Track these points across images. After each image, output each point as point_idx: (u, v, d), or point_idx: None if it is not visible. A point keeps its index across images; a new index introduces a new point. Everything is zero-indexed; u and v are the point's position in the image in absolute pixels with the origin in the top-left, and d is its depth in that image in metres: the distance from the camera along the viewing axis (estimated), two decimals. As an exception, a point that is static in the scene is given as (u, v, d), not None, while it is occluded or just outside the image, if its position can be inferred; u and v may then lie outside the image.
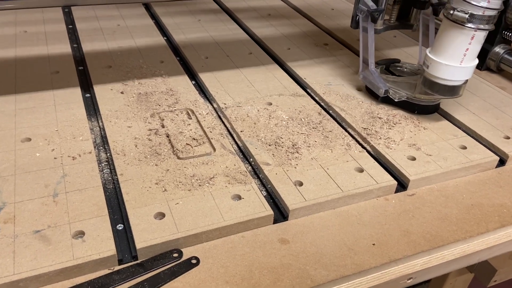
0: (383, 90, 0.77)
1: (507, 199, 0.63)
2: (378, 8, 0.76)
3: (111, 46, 0.94)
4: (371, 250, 0.54)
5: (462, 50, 0.67)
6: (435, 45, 0.70)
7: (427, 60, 0.71)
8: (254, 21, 1.13)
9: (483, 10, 0.63)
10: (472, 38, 0.66)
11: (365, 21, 0.78)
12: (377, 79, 0.79)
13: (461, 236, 0.57)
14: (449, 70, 0.68)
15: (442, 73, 0.69)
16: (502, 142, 0.72)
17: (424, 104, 0.77)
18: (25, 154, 0.62)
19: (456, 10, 0.64)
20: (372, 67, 0.80)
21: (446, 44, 0.68)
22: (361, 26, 0.80)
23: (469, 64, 0.68)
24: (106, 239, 0.50)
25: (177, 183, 0.59)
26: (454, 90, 0.71)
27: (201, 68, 0.89)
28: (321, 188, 0.60)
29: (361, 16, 0.78)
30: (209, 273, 0.49)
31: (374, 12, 0.75)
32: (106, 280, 0.47)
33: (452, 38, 0.67)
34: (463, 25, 0.64)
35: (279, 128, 0.72)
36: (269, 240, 0.54)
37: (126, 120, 0.71)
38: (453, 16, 0.64)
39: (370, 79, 0.80)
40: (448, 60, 0.68)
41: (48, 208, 0.53)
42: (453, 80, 0.70)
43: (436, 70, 0.70)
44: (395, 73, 0.85)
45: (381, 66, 0.86)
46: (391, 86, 0.79)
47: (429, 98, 0.75)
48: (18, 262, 0.46)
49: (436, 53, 0.70)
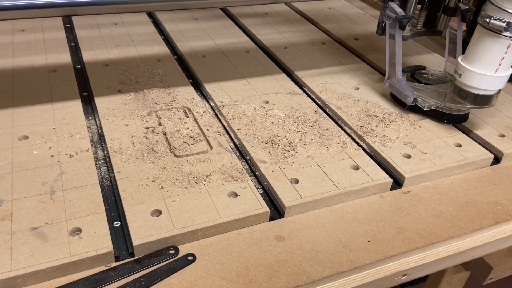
0: (411, 98, 0.75)
1: (502, 196, 0.64)
2: (407, 15, 0.74)
3: (109, 45, 0.95)
4: (366, 247, 0.54)
5: (498, 59, 0.65)
6: (469, 53, 0.68)
7: (460, 69, 0.69)
8: (251, 19, 1.14)
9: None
10: (509, 47, 0.64)
11: (393, 27, 0.76)
12: (405, 87, 0.77)
13: (456, 233, 0.57)
14: (483, 79, 0.66)
15: (475, 82, 0.67)
16: (497, 140, 0.73)
17: (454, 113, 0.74)
18: (23, 152, 0.62)
19: (493, 19, 0.62)
20: (400, 74, 0.78)
21: (481, 53, 0.66)
22: (388, 33, 0.78)
23: (504, 74, 0.66)
24: (103, 236, 0.50)
25: (174, 180, 0.59)
26: (487, 99, 0.69)
27: (198, 67, 0.89)
28: (317, 185, 0.60)
29: (388, 22, 0.77)
30: (205, 269, 0.50)
31: (403, 19, 0.74)
32: (103, 277, 0.47)
33: (488, 47, 0.65)
34: (499, 34, 0.63)
35: (275, 126, 0.72)
36: (265, 237, 0.54)
37: (123, 118, 0.71)
38: (490, 24, 0.63)
39: (397, 87, 0.78)
40: (483, 69, 0.66)
41: (45, 206, 0.54)
42: (487, 90, 0.67)
43: (469, 79, 0.68)
44: (421, 81, 0.83)
45: (407, 73, 0.84)
46: (419, 95, 0.76)
47: (460, 107, 0.73)
48: (16, 259, 0.47)
49: (469, 61, 0.67)
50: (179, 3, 0.67)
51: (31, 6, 0.58)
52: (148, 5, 0.67)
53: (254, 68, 0.90)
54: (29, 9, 0.58)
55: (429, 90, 0.78)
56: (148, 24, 1.07)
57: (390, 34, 0.78)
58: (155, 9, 1.02)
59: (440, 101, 0.75)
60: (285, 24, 1.13)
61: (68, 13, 0.63)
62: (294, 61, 0.93)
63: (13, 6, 0.57)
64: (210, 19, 1.13)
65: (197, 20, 1.12)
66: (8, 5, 0.57)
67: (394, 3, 0.75)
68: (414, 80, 0.84)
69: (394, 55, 0.78)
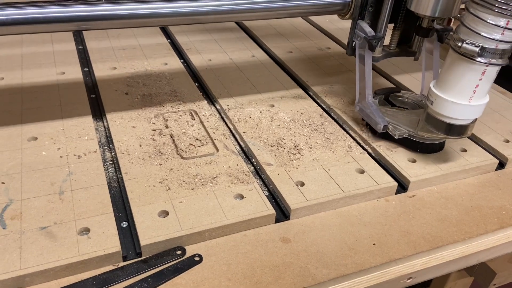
0: (382, 125, 0.68)
1: (506, 201, 0.64)
2: (377, 35, 0.68)
3: (116, 48, 0.96)
4: (371, 250, 0.55)
5: (472, 87, 0.59)
6: (441, 79, 0.62)
7: (431, 95, 0.62)
8: (256, 24, 1.15)
9: (496, 43, 0.55)
10: (483, 73, 0.58)
11: (363, 48, 0.70)
12: (375, 112, 0.70)
13: (460, 237, 0.58)
14: (456, 108, 0.60)
15: (448, 111, 0.61)
16: (501, 146, 0.73)
17: (429, 142, 0.68)
18: (32, 152, 0.63)
19: (465, 43, 0.56)
20: (370, 99, 0.71)
21: (454, 79, 0.60)
22: (358, 53, 0.72)
23: (479, 102, 0.60)
24: (111, 236, 0.51)
25: (181, 182, 0.60)
26: (461, 129, 0.62)
27: (205, 70, 0.90)
28: (322, 188, 0.61)
29: (358, 42, 0.71)
30: (211, 270, 0.50)
31: (372, 40, 0.67)
32: (111, 276, 0.48)
33: (460, 73, 0.59)
34: (473, 59, 0.57)
35: (281, 130, 0.73)
36: (271, 239, 0.55)
37: (131, 120, 0.72)
38: (462, 49, 0.56)
39: (367, 112, 0.71)
40: (456, 97, 0.60)
41: (54, 206, 0.54)
42: (461, 119, 0.61)
43: (441, 108, 0.61)
44: (396, 104, 0.76)
45: (380, 96, 0.77)
46: (391, 121, 0.69)
47: (433, 137, 0.67)
48: (25, 258, 0.47)
49: (441, 88, 0.61)
50: (191, 18, 0.66)
51: (41, 21, 0.58)
52: (160, 20, 0.65)
53: (259, 72, 0.90)
54: (38, 24, 0.58)
55: (401, 116, 0.71)
56: (154, 28, 1.08)
57: (360, 55, 0.72)
58: (166, 24, 1.00)
59: (413, 128, 0.68)
60: (290, 29, 1.14)
61: (80, 28, 0.62)
62: (299, 66, 0.94)
63: (23, 20, 0.57)
64: (217, 25, 1.14)
65: (203, 26, 1.12)
66: (17, 20, 0.56)
67: (364, 21, 0.70)
68: (388, 103, 0.76)
69: (364, 77, 0.71)
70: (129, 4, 0.61)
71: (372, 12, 0.70)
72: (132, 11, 0.61)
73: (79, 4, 0.59)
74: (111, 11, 0.61)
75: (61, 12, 0.58)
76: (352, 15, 0.71)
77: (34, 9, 0.57)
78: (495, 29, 0.54)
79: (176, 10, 0.63)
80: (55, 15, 0.58)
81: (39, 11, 0.57)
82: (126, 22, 0.63)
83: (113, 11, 0.61)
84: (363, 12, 0.70)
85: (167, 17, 0.64)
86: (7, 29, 0.56)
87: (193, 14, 0.64)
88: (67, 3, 0.58)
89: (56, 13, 0.58)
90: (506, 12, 0.53)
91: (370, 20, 0.71)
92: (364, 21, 0.70)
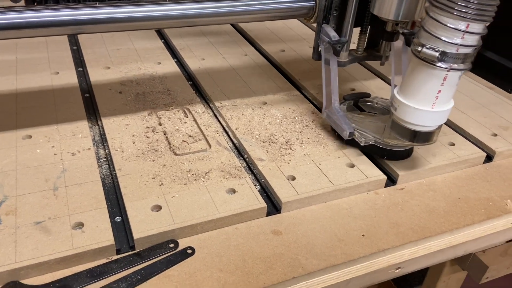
0: (348, 132, 0.66)
1: (494, 193, 0.66)
2: (341, 40, 0.66)
3: (110, 48, 0.97)
4: (360, 241, 0.56)
5: (434, 93, 0.57)
6: (404, 85, 0.60)
7: (395, 102, 0.61)
8: (249, 23, 1.16)
9: (456, 47, 0.53)
10: (445, 79, 0.55)
11: (328, 52, 0.68)
12: (341, 119, 0.68)
13: (448, 228, 0.59)
14: (419, 114, 0.58)
15: (411, 117, 0.59)
16: (489, 139, 0.75)
17: (396, 149, 0.66)
18: (26, 150, 0.64)
19: (425, 47, 0.54)
20: (336, 104, 0.69)
21: (415, 85, 0.58)
22: (323, 58, 0.70)
23: (442, 108, 0.58)
24: (105, 230, 0.52)
25: (174, 177, 0.61)
26: (426, 136, 0.61)
27: (198, 69, 0.91)
28: (313, 182, 0.62)
29: (323, 47, 0.69)
30: (203, 262, 0.51)
31: (336, 44, 0.65)
32: (105, 269, 0.49)
33: (422, 79, 0.57)
34: (433, 65, 0.55)
35: (273, 126, 0.74)
36: (262, 232, 0.56)
37: (124, 118, 0.73)
38: (422, 53, 0.55)
39: (334, 118, 0.69)
40: (418, 103, 0.58)
41: (49, 201, 0.55)
42: (424, 126, 0.60)
43: (404, 114, 0.60)
44: (365, 110, 0.75)
45: (349, 101, 0.75)
46: (357, 127, 0.67)
47: (399, 144, 0.65)
48: (20, 251, 0.48)
49: (404, 94, 0.60)
50: (186, 21, 0.65)
51: (35, 25, 0.57)
52: (155, 23, 0.65)
53: (252, 71, 0.92)
54: (33, 28, 0.57)
55: (367, 122, 0.69)
56: (149, 30, 1.09)
57: (325, 60, 0.69)
58: (162, 27, 0.99)
59: (380, 135, 0.66)
60: (282, 27, 1.15)
61: (74, 32, 0.62)
62: (292, 64, 0.95)
63: (16, 25, 0.56)
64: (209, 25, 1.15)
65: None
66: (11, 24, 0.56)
67: (329, 25, 0.68)
68: (358, 109, 0.75)
69: (330, 83, 0.69)
70: (123, 7, 0.61)
71: (337, 16, 0.68)
72: (125, 15, 0.61)
73: (73, 8, 0.59)
74: (105, 15, 0.60)
75: (55, 16, 0.58)
76: (316, 19, 0.69)
77: (28, 13, 0.56)
78: (455, 33, 0.53)
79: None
80: (49, 19, 0.57)
81: (32, 15, 0.56)
82: (120, 26, 0.63)
83: (107, 14, 0.60)
84: (327, 16, 0.68)
85: (161, 20, 0.64)
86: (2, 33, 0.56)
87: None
88: (60, 7, 0.58)
89: (50, 17, 0.57)
90: (466, 15, 0.51)
91: (335, 24, 0.69)
92: (329, 25, 0.68)
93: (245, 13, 0.67)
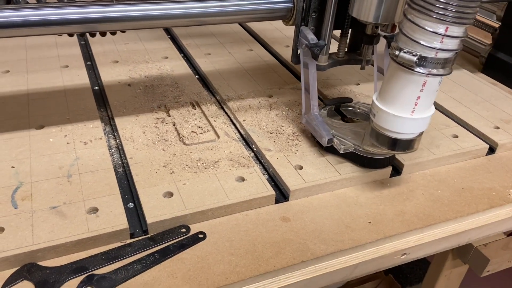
0: (326, 139, 0.63)
1: (497, 183, 0.67)
2: (319, 43, 0.62)
3: (118, 43, 0.98)
4: (367, 228, 0.57)
5: (413, 99, 0.54)
6: (382, 91, 0.58)
7: (374, 108, 0.58)
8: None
9: (435, 51, 0.51)
10: (424, 85, 0.53)
11: (307, 55, 0.65)
12: (320, 125, 0.65)
13: (452, 216, 0.60)
14: (398, 121, 0.56)
15: (390, 124, 0.57)
16: (492, 132, 0.76)
17: (377, 157, 0.64)
18: (39, 139, 0.65)
19: (403, 51, 0.52)
20: (315, 110, 0.66)
21: (394, 91, 0.55)
22: (302, 61, 0.67)
23: (422, 115, 0.56)
24: (118, 214, 0.53)
25: (184, 166, 0.62)
26: (406, 144, 0.58)
27: (204, 64, 0.92)
28: (320, 171, 0.63)
29: (302, 50, 0.65)
30: (215, 246, 0.53)
31: (313, 47, 0.62)
32: (119, 252, 0.50)
33: (400, 85, 0.54)
34: (411, 70, 0.52)
35: (279, 118, 0.75)
36: (271, 218, 0.57)
37: (134, 110, 0.74)
38: (399, 58, 0.52)
39: (313, 124, 0.66)
40: (397, 110, 0.55)
41: (63, 187, 0.57)
42: (404, 133, 0.57)
43: (383, 121, 0.57)
44: (347, 115, 0.72)
45: (330, 106, 0.73)
46: (337, 134, 0.65)
47: (379, 152, 0.62)
48: (37, 235, 0.50)
49: (383, 100, 0.57)
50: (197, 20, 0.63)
51: (45, 23, 0.56)
52: (166, 22, 0.64)
53: (257, 65, 0.93)
54: (44, 26, 0.57)
55: (347, 129, 0.67)
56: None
57: (304, 63, 0.66)
58: (172, 26, 0.98)
59: (359, 142, 0.64)
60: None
61: (87, 30, 0.61)
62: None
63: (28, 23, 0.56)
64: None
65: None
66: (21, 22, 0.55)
67: (308, 28, 0.65)
68: (339, 114, 0.73)
69: (309, 88, 0.66)
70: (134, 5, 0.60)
71: (316, 18, 0.65)
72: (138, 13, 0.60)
73: (85, 5, 0.58)
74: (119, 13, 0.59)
75: (67, 14, 0.57)
76: (295, 21, 0.66)
77: (39, 11, 0.56)
78: (434, 37, 0.50)
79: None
80: (61, 18, 0.57)
81: (43, 13, 0.56)
82: (133, 24, 0.62)
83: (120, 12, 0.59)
84: (306, 18, 0.65)
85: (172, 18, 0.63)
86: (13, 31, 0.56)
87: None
88: (72, 5, 0.58)
89: (63, 15, 0.57)
90: (445, 18, 0.48)
91: (314, 26, 0.66)
92: (308, 27, 0.65)
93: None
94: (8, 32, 0.55)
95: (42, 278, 0.47)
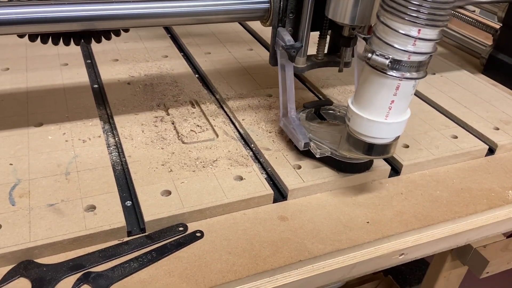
0: (303, 143, 0.62)
1: (496, 184, 0.67)
2: (295, 44, 0.61)
3: (118, 41, 0.98)
4: (365, 227, 0.57)
5: (386, 103, 0.53)
6: (357, 94, 0.56)
7: (348, 112, 0.57)
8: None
9: (408, 54, 0.49)
10: (398, 88, 0.52)
11: (284, 57, 0.63)
12: (297, 128, 0.63)
13: (451, 216, 0.60)
14: (373, 126, 0.55)
15: (364, 129, 0.56)
16: (491, 133, 0.76)
17: (354, 161, 0.63)
18: (38, 137, 0.65)
19: (375, 54, 0.50)
20: (293, 113, 0.65)
21: (368, 95, 0.54)
22: (280, 63, 0.65)
23: (396, 120, 0.54)
24: (116, 212, 0.53)
25: (182, 164, 0.62)
26: (382, 149, 0.57)
27: (204, 63, 0.92)
28: (319, 171, 0.63)
29: (279, 52, 0.64)
30: (212, 245, 0.52)
31: (289, 49, 0.61)
32: (117, 250, 0.50)
33: (374, 88, 0.53)
34: (384, 73, 0.51)
35: (278, 118, 0.75)
36: (269, 217, 0.57)
37: (133, 108, 0.74)
38: (372, 61, 0.51)
39: (290, 127, 0.65)
40: (371, 114, 0.54)
41: (61, 185, 0.57)
42: (379, 138, 0.56)
43: (358, 125, 0.56)
44: (327, 118, 0.71)
45: (309, 110, 0.71)
46: (314, 138, 0.64)
47: (356, 156, 0.60)
48: (34, 232, 0.50)
49: (358, 104, 0.56)
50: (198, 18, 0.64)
51: (46, 20, 0.57)
52: (167, 20, 0.64)
53: (257, 64, 0.93)
54: (43, 24, 0.57)
55: (323, 132, 0.66)
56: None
57: (281, 65, 0.65)
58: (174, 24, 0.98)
59: (336, 146, 0.62)
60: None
61: (87, 27, 0.60)
62: (297, 58, 0.96)
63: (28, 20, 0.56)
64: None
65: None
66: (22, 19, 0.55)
67: (285, 29, 0.63)
68: (319, 118, 0.71)
69: (286, 90, 0.65)
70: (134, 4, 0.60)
71: (293, 19, 0.64)
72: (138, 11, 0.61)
73: (85, 3, 0.58)
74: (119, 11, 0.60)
75: (68, 12, 0.57)
76: (272, 22, 0.65)
77: (39, 8, 0.56)
78: (406, 39, 0.49)
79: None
80: (61, 15, 0.57)
81: (43, 10, 0.56)
82: (133, 22, 0.63)
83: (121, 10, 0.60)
84: (283, 19, 0.64)
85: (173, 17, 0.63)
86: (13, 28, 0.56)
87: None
88: (72, 2, 0.58)
89: (63, 13, 0.57)
90: (418, 20, 0.47)
91: (292, 27, 0.65)
92: (286, 28, 0.64)
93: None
94: (8, 29, 0.56)
95: (38, 275, 0.47)
